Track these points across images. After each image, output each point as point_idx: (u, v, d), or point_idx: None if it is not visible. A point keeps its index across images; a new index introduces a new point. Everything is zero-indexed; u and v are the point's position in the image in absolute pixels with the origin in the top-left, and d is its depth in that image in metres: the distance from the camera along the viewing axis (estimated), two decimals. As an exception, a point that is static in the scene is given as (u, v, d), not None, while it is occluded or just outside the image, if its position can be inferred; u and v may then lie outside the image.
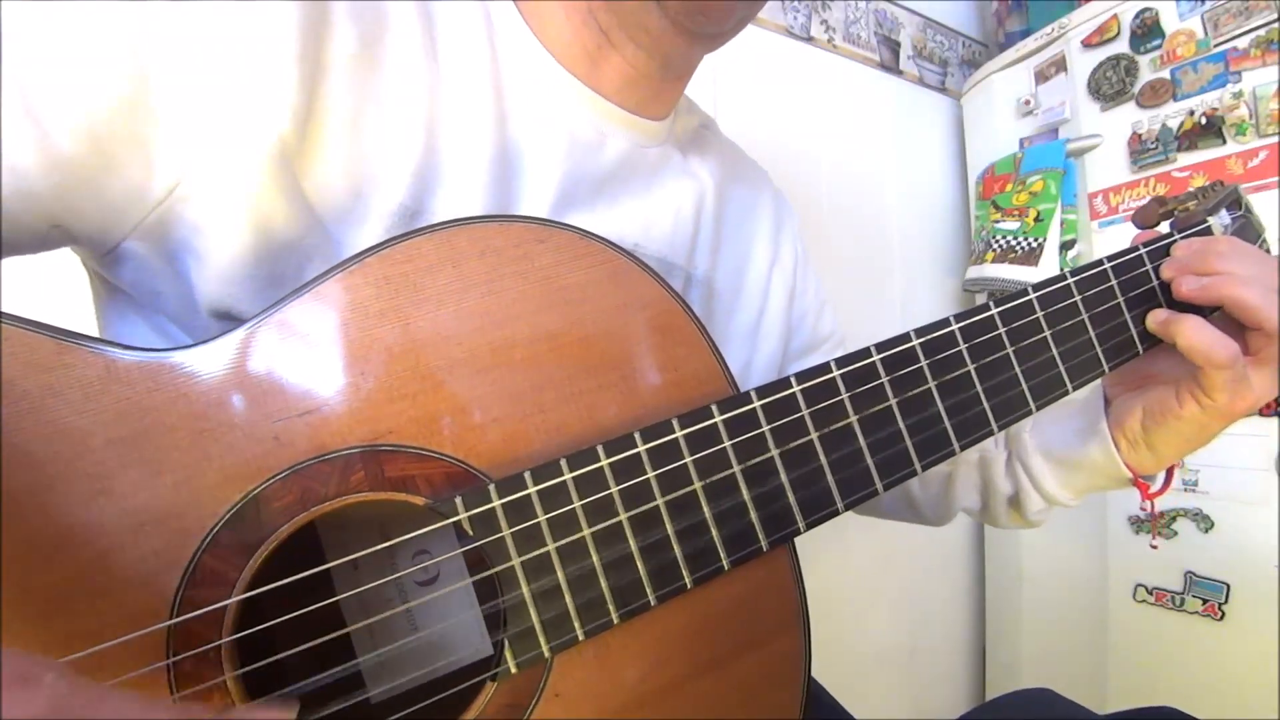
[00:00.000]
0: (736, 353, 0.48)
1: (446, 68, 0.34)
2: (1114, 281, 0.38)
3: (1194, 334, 0.36)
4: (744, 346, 0.49)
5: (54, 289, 0.51)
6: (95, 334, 0.37)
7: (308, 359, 0.25)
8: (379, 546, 0.26)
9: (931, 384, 0.33)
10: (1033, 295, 0.35)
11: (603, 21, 0.37)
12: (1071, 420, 0.44)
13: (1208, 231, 0.41)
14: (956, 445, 0.33)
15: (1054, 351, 0.36)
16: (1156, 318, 0.38)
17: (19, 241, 0.28)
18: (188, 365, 0.24)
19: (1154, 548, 0.46)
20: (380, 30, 0.32)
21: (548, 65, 0.38)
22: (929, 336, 0.33)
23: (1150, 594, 1.01)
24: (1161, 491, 0.43)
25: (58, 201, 0.27)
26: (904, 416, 0.32)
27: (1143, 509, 0.44)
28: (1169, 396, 0.39)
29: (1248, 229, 0.42)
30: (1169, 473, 0.43)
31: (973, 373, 0.34)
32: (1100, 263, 0.38)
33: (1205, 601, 0.95)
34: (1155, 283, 0.39)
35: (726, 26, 0.38)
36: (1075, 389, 0.36)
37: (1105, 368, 0.37)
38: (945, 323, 0.33)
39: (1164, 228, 0.43)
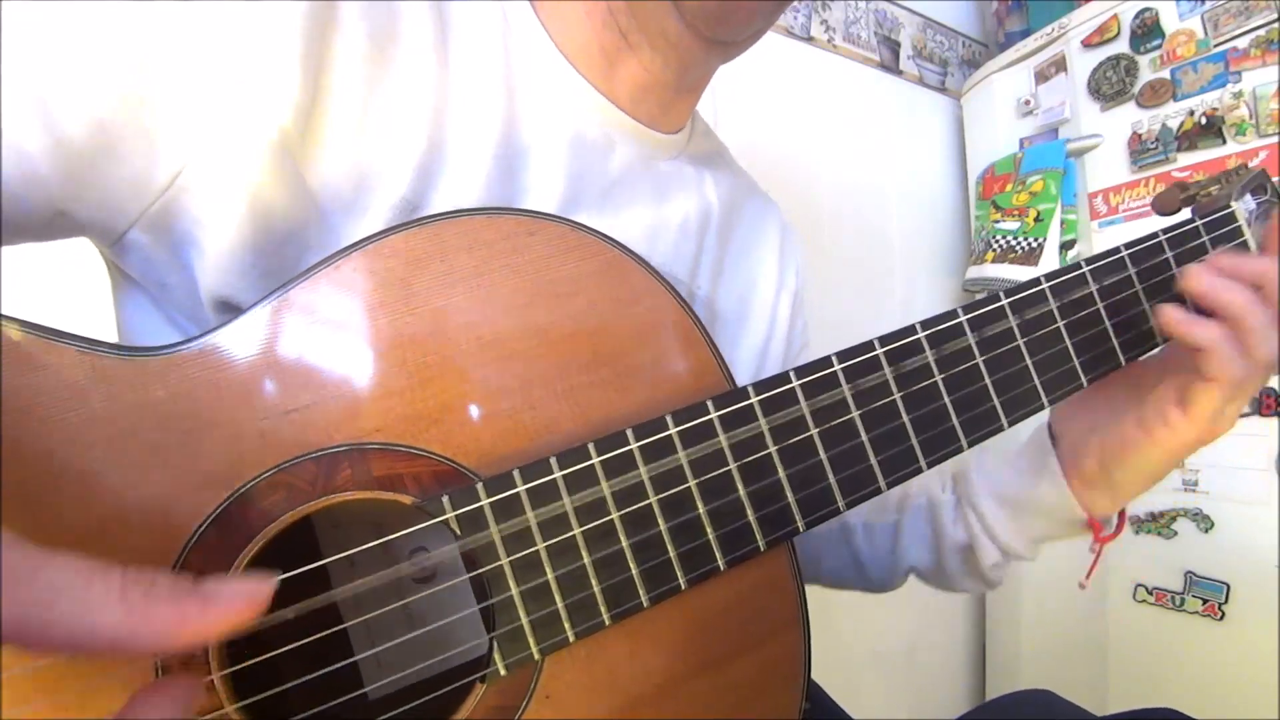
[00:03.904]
0: (743, 377, 0.47)
1: (457, 66, 0.34)
2: (1131, 270, 0.36)
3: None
4: (750, 371, 0.48)
5: (75, 278, 0.51)
6: (114, 323, 0.38)
7: (293, 356, 0.25)
8: (369, 544, 0.25)
9: (938, 378, 0.32)
10: (1045, 285, 0.34)
11: (622, 23, 0.37)
12: (1019, 459, 0.42)
13: (1231, 217, 0.39)
14: (964, 442, 0.32)
15: (1068, 343, 0.34)
16: (1173, 315, 0.33)
17: (24, 227, 0.29)
18: (174, 363, 0.24)
19: (1083, 586, 0.43)
20: (391, 28, 0.33)
21: (561, 67, 0.38)
22: (935, 329, 0.32)
23: (1150, 594, 1.01)
24: (1114, 535, 0.40)
25: (62, 188, 0.27)
26: (909, 412, 0.31)
27: (1092, 549, 0.40)
28: (1131, 428, 0.36)
29: (1273, 214, 0.40)
30: (1120, 515, 0.40)
31: (982, 366, 0.32)
32: (1118, 250, 0.36)
33: (1205, 601, 0.95)
34: (1175, 270, 0.37)
35: (743, 35, 0.38)
36: (1090, 382, 0.35)
37: (1122, 360, 0.36)
38: (953, 314, 0.32)
39: (1186, 214, 0.40)
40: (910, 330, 0.32)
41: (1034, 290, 0.34)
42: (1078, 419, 0.40)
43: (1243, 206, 0.40)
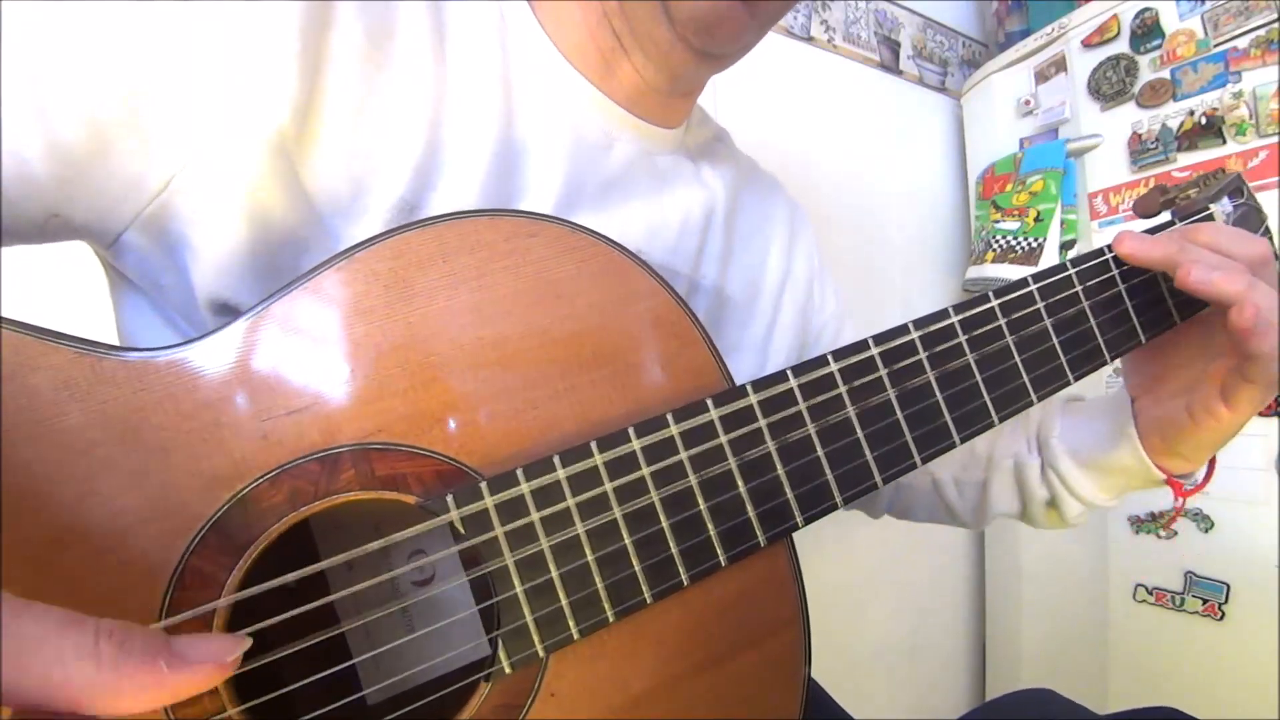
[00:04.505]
0: (748, 363, 0.48)
1: (454, 65, 0.35)
2: (1115, 271, 0.37)
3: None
4: (755, 357, 0.49)
5: (75, 279, 0.52)
6: (112, 324, 0.38)
7: (296, 356, 0.25)
8: (369, 546, 0.25)
9: (931, 376, 0.32)
10: (1033, 286, 0.35)
11: (616, 26, 0.37)
12: (1099, 422, 0.43)
13: (1210, 219, 0.40)
14: (957, 438, 0.32)
15: (1055, 342, 0.35)
16: (1201, 275, 0.33)
17: (18, 230, 0.29)
18: (175, 364, 0.24)
19: (1160, 535, 0.46)
20: (388, 27, 0.33)
21: (559, 66, 0.38)
22: (928, 329, 0.32)
23: (1150, 594, 1.01)
24: (1201, 487, 0.42)
25: (57, 190, 0.27)
26: (903, 409, 0.31)
27: (1176, 507, 0.43)
28: (1182, 415, 0.38)
29: (1250, 217, 0.42)
30: (1211, 465, 0.42)
31: (973, 364, 0.33)
32: (1102, 251, 0.37)
33: (1205, 601, 0.95)
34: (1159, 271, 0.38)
35: (732, 49, 0.38)
36: (1077, 379, 0.36)
37: (1107, 358, 0.37)
38: (944, 314, 0.33)
39: (1166, 216, 0.42)
40: (903, 329, 0.32)
41: (1022, 292, 0.35)
42: (1146, 390, 0.41)
43: (1220, 209, 0.41)
